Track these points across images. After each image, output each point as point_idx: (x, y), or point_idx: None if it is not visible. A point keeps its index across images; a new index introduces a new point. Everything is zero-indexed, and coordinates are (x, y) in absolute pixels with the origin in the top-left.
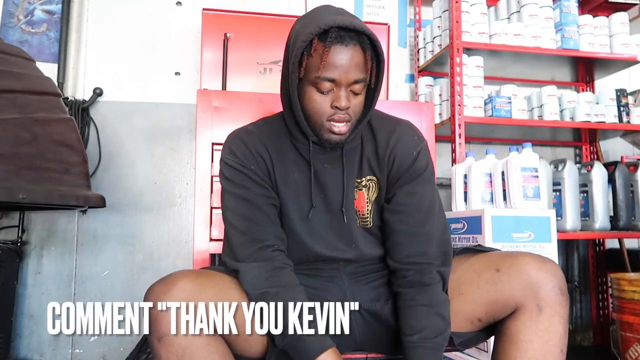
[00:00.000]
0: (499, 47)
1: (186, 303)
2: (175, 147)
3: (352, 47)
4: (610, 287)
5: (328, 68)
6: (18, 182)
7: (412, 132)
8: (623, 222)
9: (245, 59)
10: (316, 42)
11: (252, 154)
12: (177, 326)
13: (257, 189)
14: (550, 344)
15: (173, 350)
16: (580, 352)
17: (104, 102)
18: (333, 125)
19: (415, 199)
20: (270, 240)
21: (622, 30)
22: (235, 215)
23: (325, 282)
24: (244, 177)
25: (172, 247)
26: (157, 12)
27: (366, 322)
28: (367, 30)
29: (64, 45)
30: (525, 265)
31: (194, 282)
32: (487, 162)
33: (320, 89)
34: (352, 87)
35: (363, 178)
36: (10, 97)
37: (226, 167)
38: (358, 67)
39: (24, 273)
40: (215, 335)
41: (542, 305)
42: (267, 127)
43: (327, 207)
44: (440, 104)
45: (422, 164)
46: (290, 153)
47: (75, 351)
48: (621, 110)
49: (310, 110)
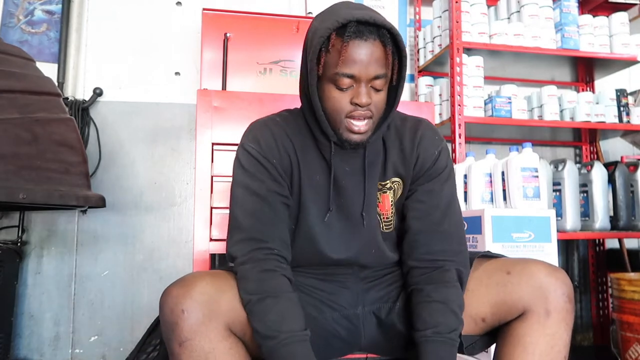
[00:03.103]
0: (499, 47)
1: (207, 306)
2: (175, 147)
3: (372, 41)
4: (610, 287)
5: (347, 63)
6: (18, 182)
7: (433, 132)
8: (623, 222)
9: (245, 59)
10: (334, 38)
11: (278, 147)
12: (198, 330)
13: (272, 184)
14: (556, 350)
15: (195, 355)
16: (580, 352)
17: (104, 102)
18: (352, 123)
19: (434, 197)
20: (270, 243)
21: (622, 30)
22: (241, 211)
23: (338, 287)
24: (262, 170)
25: (172, 247)
26: (157, 12)
27: (373, 325)
28: (387, 24)
29: (64, 45)
30: (537, 270)
31: (213, 285)
32: (487, 162)
33: (339, 85)
34: (372, 83)
35: (388, 180)
36: (10, 97)
37: (245, 155)
38: (378, 62)
39: (24, 273)
40: (236, 338)
41: (551, 310)
42: (293, 121)
43: (346, 211)
44: (440, 104)
45: (442, 164)
46: (312, 152)
47: (75, 351)
48: (621, 110)
49: (330, 107)
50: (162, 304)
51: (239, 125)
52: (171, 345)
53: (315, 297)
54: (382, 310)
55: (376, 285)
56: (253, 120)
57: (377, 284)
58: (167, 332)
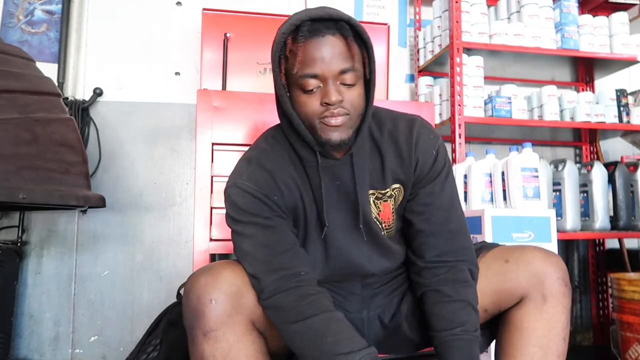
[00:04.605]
0: (499, 47)
1: (235, 298)
2: (175, 147)
3: (330, 36)
4: (610, 287)
5: (306, 64)
6: (18, 182)
7: (428, 131)
8: (623, 222)
9: (245, 59)
10: (290, 42)
11: (277, 185)
12: (224, 322)
13: (277, 220)
14: (554, 332)
15: (219, 347)
16: (580, 352)
17: (104, 102)
18: (327, 121)
19: (437, 198)
20: (296, 268)
21: (622, 30)
22: (253, 250)
23: (345, 293)
24: (265, 208)
25: (172, 247)
26: (157, 12)
27: (377, 328)
28: (345, 16)
29: (64, 45)
30: (532, 257)
31: (240, 278)
32: (487, 162)
33: (305, 88)
34: (340, 79)
35: (388, 189)
36: (10, 97)
37: (244, 197)
38: (341, 56)
39: (24, 273)
40: (259, 333)
41: (547, 295)
42: (279, 145)
43: (345, 224)
44: (440, 104)
45: (441, 163)
46: (297, 171)
47: (75, 351)
48: (621, 110)
49: (302, 114)
50: (189, 290)
51: (239, 125)
52: (194, 333)
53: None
54: (386, 315)
55: (381, 292)
56: (239, 159)
57: (382, 291)
58: (191, 319)
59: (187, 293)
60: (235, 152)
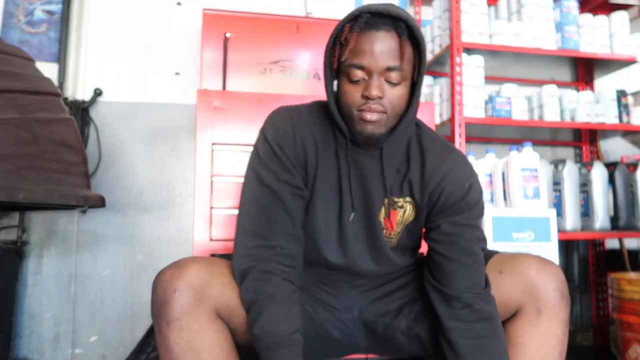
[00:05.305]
0: (499, 47)
1: (199, 289)
2: (175, 147)
3: (385, 32)
4: (610, 287)
5: (356, 54)
6: (18, 182)
7: (463, 164)
8: (623, 222)
9: (245, 59)
10: (347, 30)
11: (294, 138)
12: (188, 311)
13: (284, 174)
14: (549, 347)
15: (183, 335)
16: (580, 352)
17: (103, 102)
18: (363, 115)
19: (466, 231)
20: (274, 240)
21: (622, 30)
22: (251, 199)
23: (334, 290)
24: (274, 159)
25: (172, 247)
26: (157, 12)
27: (369, 334)
28: (403, 15)
29: (64, 45)
30: (527, 267)
31: (206, 270)
32: (487, 162)
33: (351, 77)
34: (386, 76)
35: (401, 198)
36: (10, 97)
37: (262, 142)
38: (391, 54)
39: (24, 273)
40: (222, 322)
41: (542, 309)
42: (318, 114)
43: (357, 217)
44: (440, 104)
45: (474, 199)
46: (330, 149)
47: (75, 351)
48: (621, 111)
49: (343, 101)
50: (155, 283)
51: (239, 126)
52: (159, 323)
53: (312, 295)
54: (379, 325)
55: (375, 295)
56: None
57: (376, 294)
58: (157, 310)
59: (154, 286)
60: (235, 152)
